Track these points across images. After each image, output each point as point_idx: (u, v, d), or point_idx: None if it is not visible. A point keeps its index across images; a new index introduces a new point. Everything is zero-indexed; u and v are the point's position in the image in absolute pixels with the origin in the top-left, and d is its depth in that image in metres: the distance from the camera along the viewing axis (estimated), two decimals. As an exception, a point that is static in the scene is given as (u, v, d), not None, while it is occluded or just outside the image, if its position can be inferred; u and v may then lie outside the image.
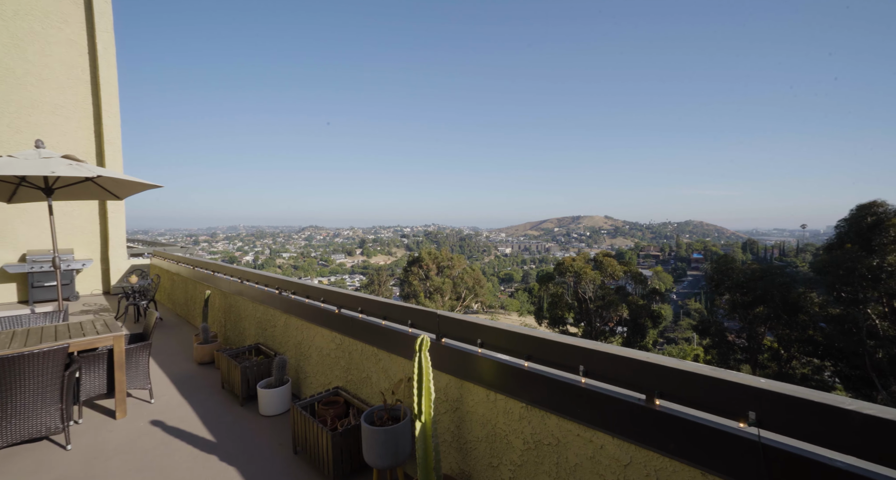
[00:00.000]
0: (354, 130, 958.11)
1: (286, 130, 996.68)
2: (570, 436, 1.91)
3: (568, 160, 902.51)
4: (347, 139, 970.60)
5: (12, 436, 2.97)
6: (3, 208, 8.56)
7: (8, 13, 8.41)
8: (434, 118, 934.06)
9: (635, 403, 1.68)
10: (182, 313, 7.97)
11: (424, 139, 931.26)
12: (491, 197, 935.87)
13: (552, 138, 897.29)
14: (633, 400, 1.69)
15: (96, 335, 3.69)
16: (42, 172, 4.19)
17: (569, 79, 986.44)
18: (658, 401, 1.65)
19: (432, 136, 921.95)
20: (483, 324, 2.41)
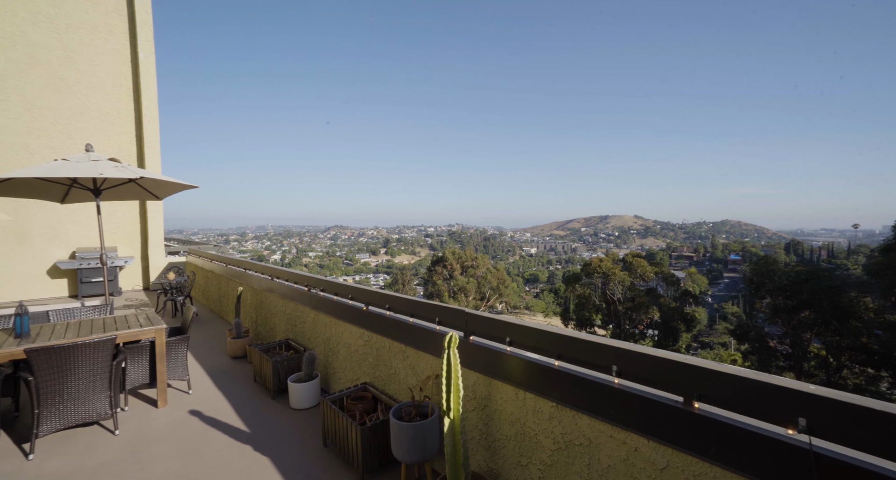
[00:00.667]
0: (378, 129, 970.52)
1: (311, 129, 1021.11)
2: (602, 437, 1.86)
3: (596, 159, 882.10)
4: (372, 139, 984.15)
5: (68, 419, 3.17)
6: (56, 209, 9.18)
7: (62, 27, 9.02)
8: (458, 118, 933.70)
9: (672, 405, 1.61)
10: (215, 308, 8.31)
11: (448, 139, 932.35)
12: (516, 197, 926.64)
13: (580, 138, 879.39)
14: (670, 402, 1.63)
15: (140, 327, 3.89)
16: (91, 174, 4.46)
17: (602, 79, 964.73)
18: (697, 404, 1.58)
19: (456, 136, 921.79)
20: (512, 322, 2.38)
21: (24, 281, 8.90)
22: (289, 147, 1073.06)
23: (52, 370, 3.05)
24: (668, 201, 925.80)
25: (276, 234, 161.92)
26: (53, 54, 8.99)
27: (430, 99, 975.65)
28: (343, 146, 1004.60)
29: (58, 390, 3.11)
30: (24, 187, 5.21)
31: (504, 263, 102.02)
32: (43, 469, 2.90)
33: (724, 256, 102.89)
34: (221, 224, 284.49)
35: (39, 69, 8.84)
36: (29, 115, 8.77)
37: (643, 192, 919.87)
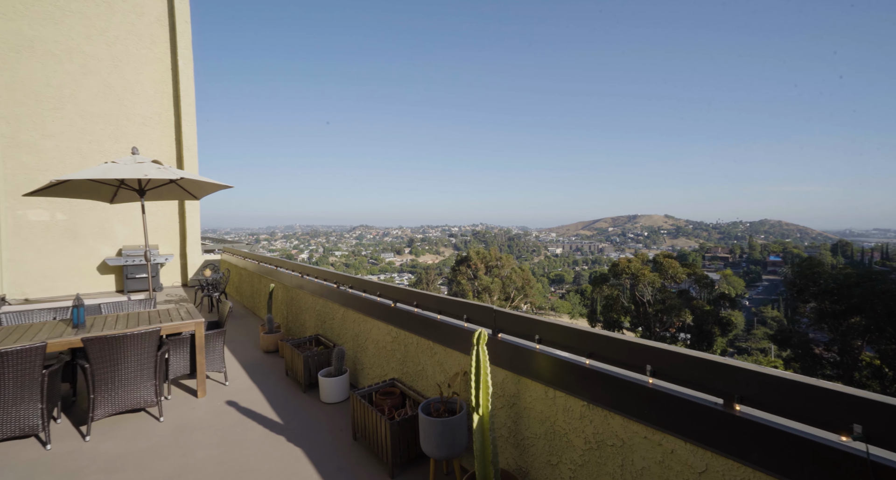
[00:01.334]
0: (404, 129, 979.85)
1: (335, 128, 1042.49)
2: (636, 438, 1.81)
3: (623, 158, 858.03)
4: (397, 138, 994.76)
5: (119, 405, 3.39)
6: (105, 209, 9.79)
7: (111, 39, 9.62)
8: (483, 119, 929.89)
9: (712, 407, 1.56)
10: (248, 304, 8.63)
11: (473, 140, 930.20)
12: (541, 196, 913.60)
13: (606, 137, 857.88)
14: (710, 404, 1.57)
15: (181, 320, 4.10)
16: (137, 175, 4.73)
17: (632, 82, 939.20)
18: (738, 406, 1.52)
19: (480, 136, 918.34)
20: (541, 320, 2.36)
21: (77, 276, 9.54)
22: (316, 147, 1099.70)
23: (106, 358, 3.27)
24: (701, 200, 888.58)
25: (303, 233, 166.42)
26: (103, 65, 9.60)
27: (456, 99, 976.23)
28: (369, 146, 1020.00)
29: (110, 377, 3.32)
30: (78, 188, 5.59)
31: (529, 263, 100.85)
32: (98, 450, 3.11)
33: (763, 257, 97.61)
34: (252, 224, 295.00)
35: (91, 79, 9.46)
36: (82, 121, 9.40)
37: (674, 191, 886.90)
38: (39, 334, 3.53)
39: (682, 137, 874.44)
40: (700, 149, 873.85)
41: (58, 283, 9.29)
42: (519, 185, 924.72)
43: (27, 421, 3.03)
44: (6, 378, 2.90)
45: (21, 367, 2.94)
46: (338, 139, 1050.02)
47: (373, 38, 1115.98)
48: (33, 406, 3.05)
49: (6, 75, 8.57)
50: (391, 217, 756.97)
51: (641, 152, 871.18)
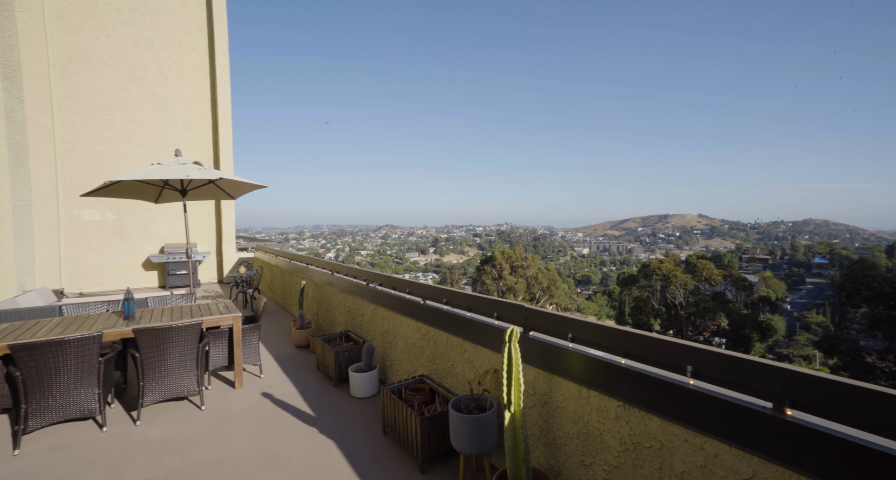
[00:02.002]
0: (429, 129, 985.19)
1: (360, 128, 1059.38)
2: (675, 441, 1.76)
3: (654, 156, 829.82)
4: (422, 138, 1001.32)
5: (165, 393, 3.59)
6: (149, 209, 10.36)
7: (156, 47, 10.19)
8: (508, 119, 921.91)
9: (759, 411, 1.49)
10: (280, 301, 8.92)
11: (498, 139, 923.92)
12: (567, 196, 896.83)
13: (636, 136, 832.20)
14: (757, 408, 1.51)
15: (220, 314, 4.29)
16: (180, 176, 4.99)
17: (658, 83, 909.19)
18: (790, 411, 1.45)
19: (505, 136, 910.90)
20: (574, 318, 2.33)
21: (124, 272, 10.15)
22: (343, 147, 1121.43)
23: (154, 348, 3.47)
24: (739, 199, 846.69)
25: (330, 233, 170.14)
26: (149, 72, 10.17)
27: (483, 99, 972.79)
28: (395, 145, 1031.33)
29: (157, 366, 3.52)
30: (128, 189, 5.94)
31: (554, 263, 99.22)
32: (147, 434, 3.30)
33: (807, 259, 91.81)
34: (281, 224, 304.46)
35: (138, 86, 10.05)
36: (129, 126, 10.00)
37: (708, 189, 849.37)
38: (95, 324, 3.79)
39: (716, 133, 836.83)
40: (736, 146, 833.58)
41: (108, 278, 9.91)
42: (545, 184, 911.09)
43: (86, 405, 3.26)
44: (69, 364, 3.13)
45: (81, 354, 3.17)
46: (363, 138, 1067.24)
47: (398, 35, 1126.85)
48: (91, 391, 3.27)
49: (65, 85, 9.23)
50: (416, 217, 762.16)
51: (674, 151, 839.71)
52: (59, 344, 3.07)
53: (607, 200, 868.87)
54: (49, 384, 3.10)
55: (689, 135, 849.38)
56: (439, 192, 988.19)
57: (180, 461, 2.94)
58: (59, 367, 3.10)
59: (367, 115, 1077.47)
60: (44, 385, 3.08)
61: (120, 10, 9.77)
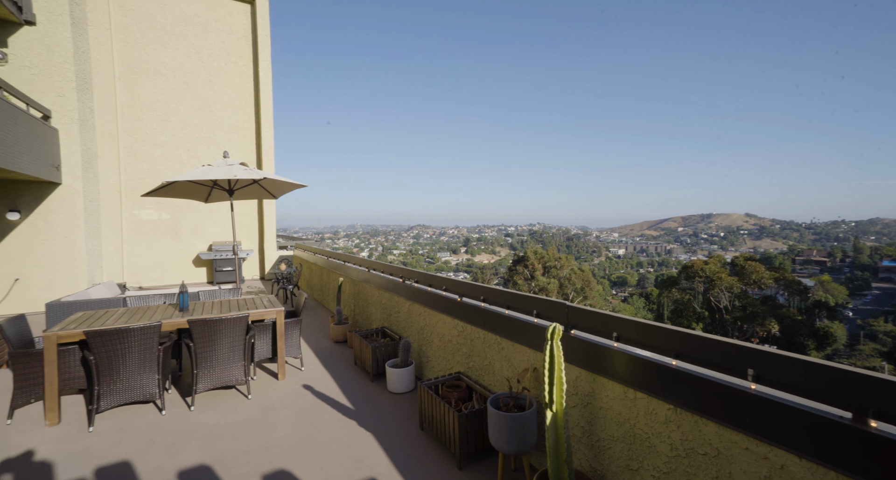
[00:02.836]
0: (461, 129, 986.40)
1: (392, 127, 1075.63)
2: (734, 449, 1.66)
3: (696, 153, 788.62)
4: (454, 138, 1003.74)
5: (216, 381, 3.80)
6: (198, 209, 11.01)
7: (205, 56, 10.82)
8: (538, 120, 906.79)
9: (836, 421, 1.38)
10: (318, 297, 9.21)
11: (528, 140, 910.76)
12: (602, 195, 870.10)
13: (675, 133, 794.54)
14: (833, 418, 1.39)
15: (265, 308, 4.48)
16: (228, 176, 5.26)
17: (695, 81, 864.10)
18: (874, 423, 1.32)
19: (537, 138, 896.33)
20: (620, 316, 2.25)
21: (177, 268, 10.85)
22: (377, 148, 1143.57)
23: (206, 338, 3.68)
24: (791, 197, 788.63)
25: (364, 232, 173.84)
26: (199, 80, 10.82)
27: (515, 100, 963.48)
28: (426, 146, 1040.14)
29: (209, 355, 3.73)
30: (181, 189, 6.34)
31: (589, 264, 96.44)
32: (200, 419, 3.51)
33: (873, 261, 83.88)
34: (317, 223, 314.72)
35: (190, 93, 10.71)
36: (182, 131, 10.67)
37: (757, 188, 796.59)
38: (155, 315, 4.07)
39: (761, 128, 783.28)
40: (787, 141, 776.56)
41: (163, 273, 10.63)
42: (578, 184, 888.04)
43: (148, 389, 3.51)
44: (133, 351, 3.38)
45: (143, 342, 3.41)
46: (394, 138, 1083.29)
47: (426, 35, 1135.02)
48: (152, 377, 3.52)
49: (127, 94, 9.99)
50: (447, 217, 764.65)
51: (716, 147, 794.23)
52: (124, 332, 3.32)
53: (644, 199, 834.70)
54: (117, 368, 3.36)
55: (735, 131, 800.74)
56: (471, 192, 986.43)
57: (230, 445, 3.10)
58: (125, 353, 3.35)
59: (398, 115, 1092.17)
60: (112, 369, 3.34)
61: (175, 22, 10.46)
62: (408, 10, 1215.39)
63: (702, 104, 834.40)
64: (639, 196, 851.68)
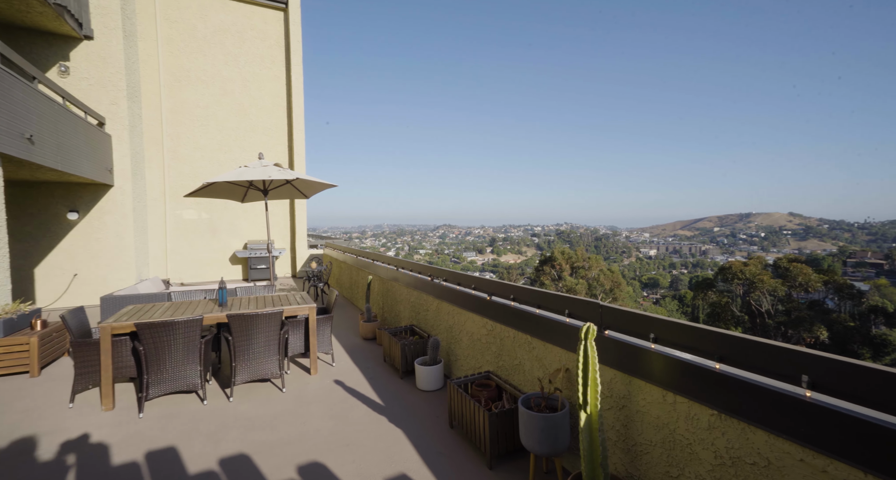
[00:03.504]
0: (489, 129, 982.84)
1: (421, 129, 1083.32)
2: (787, 460, 1.57)
3: (733, 149, 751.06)
4: (480, 138, 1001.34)
5: (252, 374, 3.95)
6: (234, 209, 11.48)
7: (242, 62, 11.29)
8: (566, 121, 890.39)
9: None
10: (347, 295, 9.40)
11: (556, 141, 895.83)
12: (632, 195, 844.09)
13: (711, 130, 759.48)
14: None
15: (298, 305, 4.62)
16: (263, 177, 5.46)
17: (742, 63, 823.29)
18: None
19: (566, 140, 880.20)
20: (657, 317, 2.18)
21: (215, 266, 11.36)
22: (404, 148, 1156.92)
23: (244, 332, 3.83)
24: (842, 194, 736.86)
25: (391, 232, 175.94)
26: (236, 85, 11.30)
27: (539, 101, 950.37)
28: (453, 146, 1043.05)
29: (246, 349, 3.89)
30: (220, 190, 6.63)
31: (618, 265, 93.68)
32: (239, 410, 3.66)
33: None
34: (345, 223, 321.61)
35: (227, 98, 11.20)
36: (220, 135, 11.18)
37: (802, 186, 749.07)
38: (197, 309, 4.28)
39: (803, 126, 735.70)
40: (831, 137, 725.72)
41: (202, 270, 11.17)
42: (607, 184, 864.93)
43: (191, 379, 3.70)
44: (178, 342, 3.57)
45: (187, 334, 3.60)
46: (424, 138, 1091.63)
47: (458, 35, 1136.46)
48: (195, 368, 3.70)
49: (172, 101, 10.57)
50: (473, 217, 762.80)
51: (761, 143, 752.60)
52: (170, 325, 3.51)
53: (677, 198, 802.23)
54: (163, 358, 3.55)
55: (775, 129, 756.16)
56: (497, 192, 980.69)
57: (267, 436, 3.21)
58: (170, 344, 3.54)
59: (424, 114, 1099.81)
60: (160, 359, 3.54)
61: (214, 31, 10.97)
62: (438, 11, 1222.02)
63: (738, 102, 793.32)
64: (671, 196, 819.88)
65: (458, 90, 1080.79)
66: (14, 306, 4.74)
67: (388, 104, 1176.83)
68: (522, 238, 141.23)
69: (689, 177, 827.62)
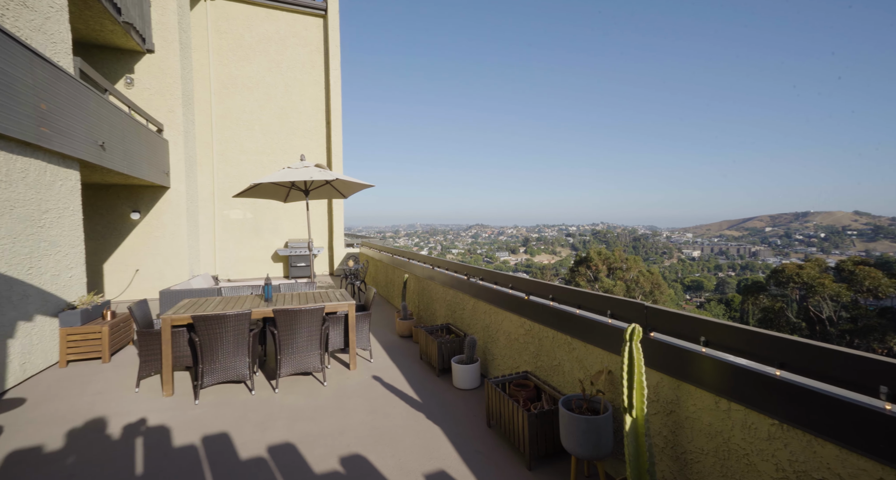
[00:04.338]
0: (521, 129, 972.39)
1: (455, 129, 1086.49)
2: (864, 477, 1.45)
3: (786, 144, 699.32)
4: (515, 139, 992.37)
5: (296, 367, 4.13)
6: (276, 209, 12.01)
7: (284, 68, 11.80)
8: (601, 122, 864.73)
9: None
10: (383, 293, 9.59)
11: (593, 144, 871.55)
12: (674, 194, 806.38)
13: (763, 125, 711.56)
14: None
15: (338, 301, 4.77)
16: (306, 177, 5.67)
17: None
18: None
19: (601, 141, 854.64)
20: (709, 320, 2.07)
21: (258, 263, 11.94)
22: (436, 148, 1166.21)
23: (288, 326, 4.01)
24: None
25: (423, 232, 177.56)
26: (278, 90, 11.82)
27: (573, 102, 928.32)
28: (486, 146, 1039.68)
29: (291, 342, 4.06)
30: (264, 190, 6.96)
31: (658, 266, 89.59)
32: (284, 401, 3.84)
33: None
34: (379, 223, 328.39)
35: (271, 103, 11.75)
36: (264, 138, 11.74)
37: (870, 182, 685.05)
38: (245, 304, 4.52)
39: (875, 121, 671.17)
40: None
41: (246, 267, 11.78)
42: (646, 184, 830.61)
43: (240, 370, 3.91)
44: (229, 335, 3.79)
45: (237, 327, 3.81)
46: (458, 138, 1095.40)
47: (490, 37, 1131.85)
48: (243, 359, 3.92)
49: (221, 107, 11.23)
50: (506, 216, 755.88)
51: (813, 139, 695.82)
52: (223, 318, 3.73)
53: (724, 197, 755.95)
54: (216, 349, 3.79)
55: (843, 121, 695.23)
56: (530, 191, 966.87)
57: (310, 427, 3.34)
58: (222, 336, 3.77)
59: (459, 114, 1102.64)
60: (213, 350, 3.78)
61: (259, 40, 11.54)
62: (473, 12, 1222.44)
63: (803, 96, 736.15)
64: (716, 194, 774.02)
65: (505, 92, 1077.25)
66: (89, 297, 5.21)
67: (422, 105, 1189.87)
68: (556, 238, 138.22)
69: (736, 174, 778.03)
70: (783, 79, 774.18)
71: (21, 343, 4.29)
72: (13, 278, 4.23)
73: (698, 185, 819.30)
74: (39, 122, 4.56)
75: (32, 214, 4.54)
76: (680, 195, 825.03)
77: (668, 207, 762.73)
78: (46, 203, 4.78)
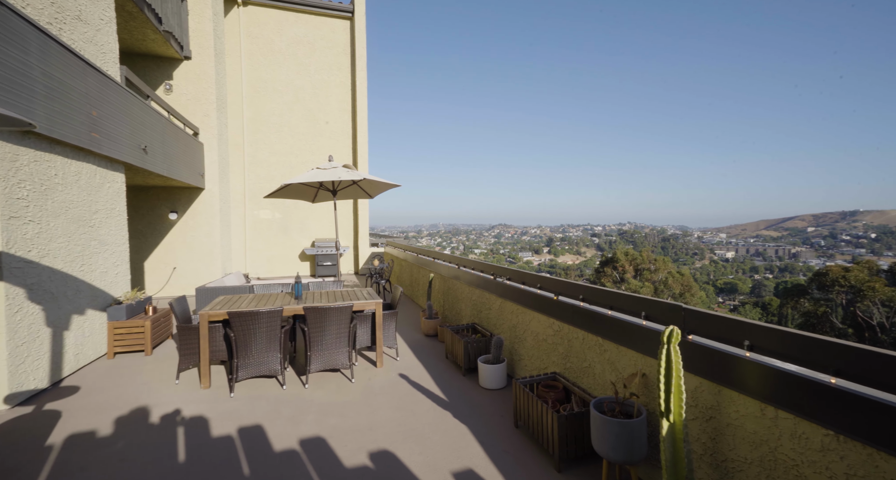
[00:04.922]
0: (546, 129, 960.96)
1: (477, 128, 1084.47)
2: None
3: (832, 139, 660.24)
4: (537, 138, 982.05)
5: (325, 363, 4.21)
6: (303, 208, 12.30)
7: (311, 71, 12.09)
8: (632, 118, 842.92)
9: None
10: (407, 292, 9.66)
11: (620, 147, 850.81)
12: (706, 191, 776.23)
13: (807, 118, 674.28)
14: None
15: (365, 300, 4.84)
16: (334, 178, 5.79)
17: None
18: None
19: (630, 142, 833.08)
20: (753, 323, 1.98)
21: (286, 262, 12.28)
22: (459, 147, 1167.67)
23: (318, 323, 4.10)
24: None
25: (446, 232, 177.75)
26: (306, 93, 12.11)
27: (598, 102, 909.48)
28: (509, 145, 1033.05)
29: (320, 339, 4.15)
30: (293, 191, 7.15)
31: (689, 267, 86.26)
32: (313, 396, 3.93)
33: None
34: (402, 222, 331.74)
35: (299, 105, 12.05)
36: (292, 139, 12.06)
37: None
38: (276, 301, 4.66)
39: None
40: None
41: (275, 266, 12.13)
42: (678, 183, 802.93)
43: (272, 365, 4.04)
44: (261, 331, 3.91)
45: (269, 323, 3.93)
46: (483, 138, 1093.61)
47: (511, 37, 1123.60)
48: (275, 355, 4.04)
49: (251, 110, 11.62)
50: (530, 216, 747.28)
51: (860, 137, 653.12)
52: (256, 314, 3.85)
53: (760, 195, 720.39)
54: (250, 344, 3.92)
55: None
56: (554, 190, 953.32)
57: (339, 423, 3.41)
58: (256, 332, 3.90)
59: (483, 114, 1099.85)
60: (247, 345, 3.91)
61: (288, 43, 11.87)
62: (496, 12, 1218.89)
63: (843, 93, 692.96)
64: (753, 192, 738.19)
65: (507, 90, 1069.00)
66: (133, 293, 5.50)
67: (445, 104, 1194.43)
68: (581, 238, 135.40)
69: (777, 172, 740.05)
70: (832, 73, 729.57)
71: (75, 335, 4.58)
72: (68, 274, 4.52)
73: (736, 183, 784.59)
74: (91, 128, 4.86)
75: (84, 214, 4.84)
76: (711, 193, 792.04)
77: (699, 206, 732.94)
78: (96, 204, 5.09)
